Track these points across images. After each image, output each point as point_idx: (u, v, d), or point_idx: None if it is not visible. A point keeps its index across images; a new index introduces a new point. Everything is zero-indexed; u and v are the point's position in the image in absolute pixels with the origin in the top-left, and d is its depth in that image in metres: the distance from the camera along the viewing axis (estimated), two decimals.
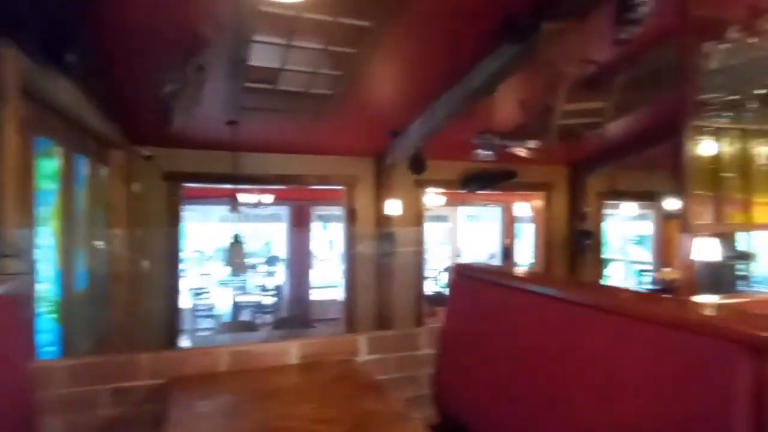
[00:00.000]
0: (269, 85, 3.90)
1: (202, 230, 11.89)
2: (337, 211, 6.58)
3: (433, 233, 11.94)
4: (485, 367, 1.74)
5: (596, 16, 2.84)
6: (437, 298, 8.63)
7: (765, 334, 0.99)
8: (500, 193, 7.99)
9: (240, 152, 5.11)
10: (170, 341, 5.17)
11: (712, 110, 2.48)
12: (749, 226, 2.84)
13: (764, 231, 6.93)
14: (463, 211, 10.77)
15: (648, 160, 5.98)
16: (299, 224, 8.68)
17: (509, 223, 10.20)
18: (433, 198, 8.05)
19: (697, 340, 1.09)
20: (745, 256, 8.07)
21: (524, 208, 9.12)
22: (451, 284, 2.06)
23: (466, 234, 11.05)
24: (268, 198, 7.18)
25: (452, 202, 9.84)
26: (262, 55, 3.49)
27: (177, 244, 5.29)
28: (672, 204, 6.21)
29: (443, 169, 6.25)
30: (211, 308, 8.20)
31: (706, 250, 7.48)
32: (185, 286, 8.25)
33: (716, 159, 2.66)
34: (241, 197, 7.04)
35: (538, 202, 7.16)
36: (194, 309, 7.83)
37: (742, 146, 2.73)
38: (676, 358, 1.12)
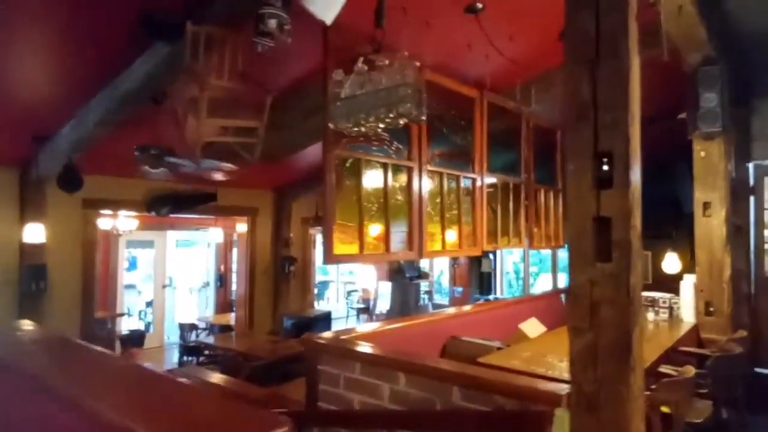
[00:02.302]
0: None
1: None
2: None
3: (139, 261, 10.44)
4: None
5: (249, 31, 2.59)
6: (133, 338, 7.37)
7: None
8: (206, 217, 7.36)
9: None
10: None
11: (353, 141, 2.49)
12: (385, 256, 3.01)
13: (397, 259, 8.12)
14: (173, 235, 9.68)
15: None
16: None
17: (226, 249, 9.62)
18: (124, 221, 6.89)
19: None
20: (425, 275, 9.52)
21: (220, 234, 8.74)
22: None
23: (177, 261, 9.95)
24: None
25: (160, 226, 8.70)
26: None
27: None
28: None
29: (123, 188, 5.28)
30: None
31: (365, 275, 8.43)
32: None
33: (359, 189, 2.70)
34: None
35: (244, 227, 6.81)
36: None
37: (384, 179, 2.87)
38: None
